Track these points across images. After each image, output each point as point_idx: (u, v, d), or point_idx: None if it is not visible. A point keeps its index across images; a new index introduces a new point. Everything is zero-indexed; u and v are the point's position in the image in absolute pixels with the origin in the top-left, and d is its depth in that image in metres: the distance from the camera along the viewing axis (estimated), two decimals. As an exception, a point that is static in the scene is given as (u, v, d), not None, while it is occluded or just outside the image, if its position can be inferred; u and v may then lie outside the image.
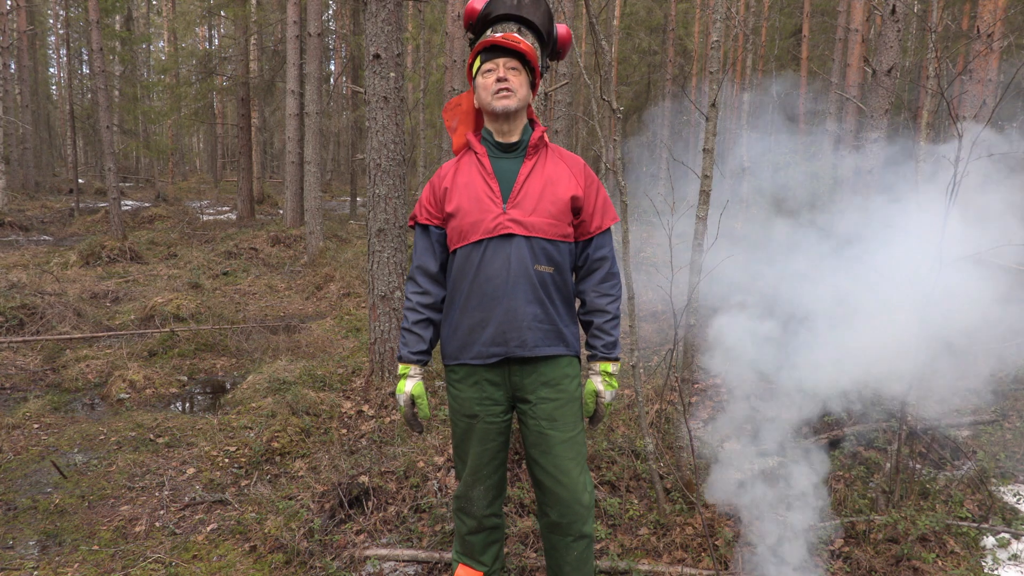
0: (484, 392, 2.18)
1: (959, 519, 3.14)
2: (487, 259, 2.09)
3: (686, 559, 2.87)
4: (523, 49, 2.10)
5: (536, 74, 2.22)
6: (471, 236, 2.11)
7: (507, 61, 2.10)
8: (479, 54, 2.15)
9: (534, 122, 2.24)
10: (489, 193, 2.11)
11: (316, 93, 11.02)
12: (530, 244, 2.09)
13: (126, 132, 22.94)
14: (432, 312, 2.25)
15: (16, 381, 5.34)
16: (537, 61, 2.17)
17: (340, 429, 4.37)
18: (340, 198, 24.27)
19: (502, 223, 2.08)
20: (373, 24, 4.64)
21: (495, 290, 2.08)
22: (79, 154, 30.07)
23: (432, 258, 2.23)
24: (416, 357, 2.24)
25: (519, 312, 2.08)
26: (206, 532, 3.22)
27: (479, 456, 2.23)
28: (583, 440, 2.23)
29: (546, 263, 2.11)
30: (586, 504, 2.18)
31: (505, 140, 2.17)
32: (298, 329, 7.13)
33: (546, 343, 2.13)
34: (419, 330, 2.24)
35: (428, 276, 2.24)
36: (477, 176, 2.14)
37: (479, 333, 2.12)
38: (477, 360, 2.15)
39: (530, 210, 2.09)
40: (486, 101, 2.13)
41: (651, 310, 7.83)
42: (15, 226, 13.34)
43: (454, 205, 2.13)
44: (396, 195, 4.79)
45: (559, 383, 2.17)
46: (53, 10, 29.85)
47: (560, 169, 2.17)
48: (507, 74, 2.09)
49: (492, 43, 2.10)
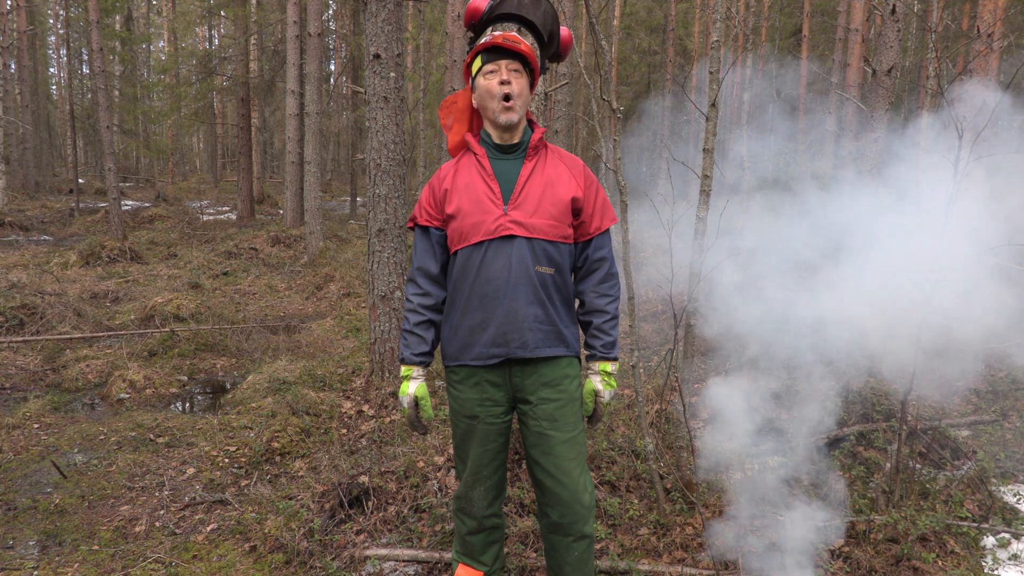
0: (485, 393, 2.18)
1: (959, 519, 3.14)
2: (488, 260, 2.09)
3: (686, 559, 2.87)
4: (524, 51, 2.10)
5: (536, 75, 2.22)
6: (472, 237, 2.10)
7: (509, 63, 2.10)
8: (480, 54, 2.15)
9: (532, 122, 2.24)
10: (490, 194, 2.11)
11: (316, 93, 11.02)
12: (531, 245, 2.09)
13: (126, 132, 22.95)
14: (433, 313, 2.25)
15: (16, 381, 5.35)
16: (536, 62, 2.17)
17: (340, 429, 4.37)
18: (340, 198, 24.27)
19: (503, 224, 2.08)
20: (373, 24, 4.64)
21: (496, 291, 2.09)
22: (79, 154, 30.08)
23: (433, 259, 2.23)
24: (419, 359, 2.24)
25: (520, 313, 2.08)
26: (206, 532, 3.22)
27: (480, 457, 2.23)
28: (583, 440, 2.23)
29: (547, 264, 2.11)
30: (586, 504, 2.18)
31: (505, 143, 2.18)
32: (298, 329, 7.13)
33: (547, 344, 2.13)
34: (421, 331, 2.24)
35: (429, 277, 2.24)
36: (477, 177, 2.14)
37: (480, 334, 2.12)
38: (478, 361, 2.15)
39: (531, 211, 2.09)
40: (490, 108, 2.13)
41: (651, 310, 7.83)
42: (15, 226, 13.34)
43: (454, 207, 2.13)
44: (396, 195, 4.79)
45: (559, 383, 2.17)
46: (53, 10, 29.86)
47: (560, 170, 2.18)
48: (510, 76, 2.09)
49: (494, 44, 2.10)
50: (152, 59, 27.30)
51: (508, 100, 2.09)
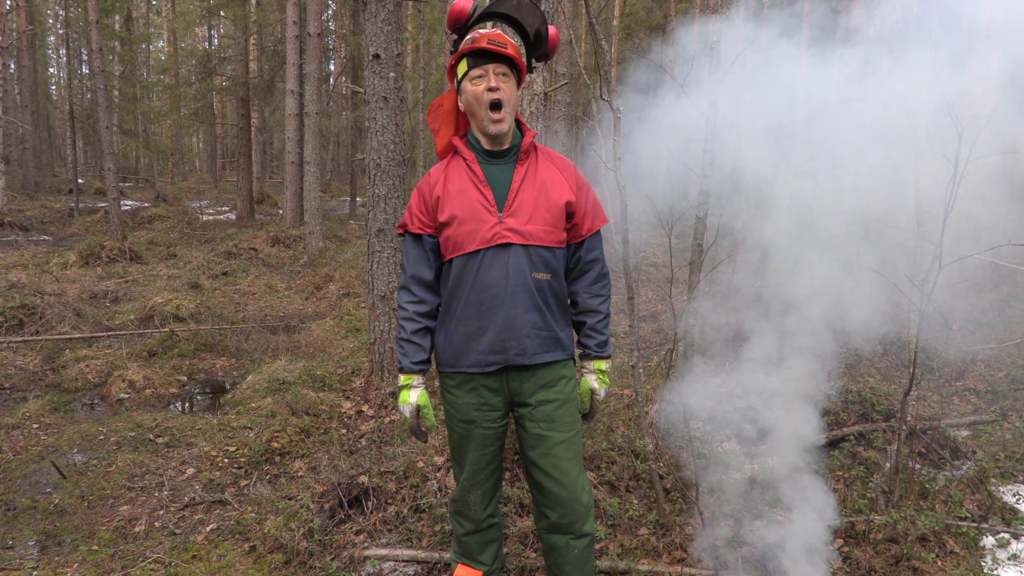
0: (482, 398, 2.17)
1: (959, 519, 3.14)
2: (485, 268, 2.07)
3: (686, 559, 2.87)
4: (511, 54, 2.06)
5: (523, 75, 2.19)
6: (467, 246, 2.08)
7: (496, 67, 2.06)
8: (465, 56, 2.11)
9: (521, 124, 2.22)
10: (483, 202, 2.09)
11: (316, 93, 11.02)
12: (528, 252, 2.08)
13: (126, 132, 22.95)
14: (429, 320, 2.23)
15: (16, 381, 5.34)
16: (523, 62, 2.15)
17: (340, 429, 4.37)
18: (340, 198, 24.25)
19: (499, 232, 2.06)
20: (373, 24, 4.64)
21: (493, 299, 2.07)
22: (79, 154, 30.06)
23: (427, 267, 2.20)
24: (418, 367, 2.22)
25: (518, 321, 2.08)
26: (206, 532, 3.22)
27: (477, 461, 2.23)
28: (580, 440, 2.24)
29: (544, 270, 2.11)
30: (585, 504, 2.18)
31: (496, 148, 2.15)
32: (298, 329, 7.13)
33: (544, 350, 2.14)
34: (418, 339, 2.21)
35: (424, 285, 2.21)
36: (469, 184, 2.11)
37: (476, 341, 2.11)
38: (475, 368, 2.14)
39: (526, 218, 2.08)
40: (479, 116, 2.09)
41: (651, 310, 7.84)
42: (15, 226, 13.33)
43: (448, 214, 2.10)
44: (396, 195, 4.79)
45: (556, 384, 2.17)
46: (53, 10, 29.85)
47: (552, 174, 2.16)
48: (497, 81, 2.05)
49: (480, 48, 2.06)
50: (152, 59, 27.26)
51: (497, 110, 2.06)
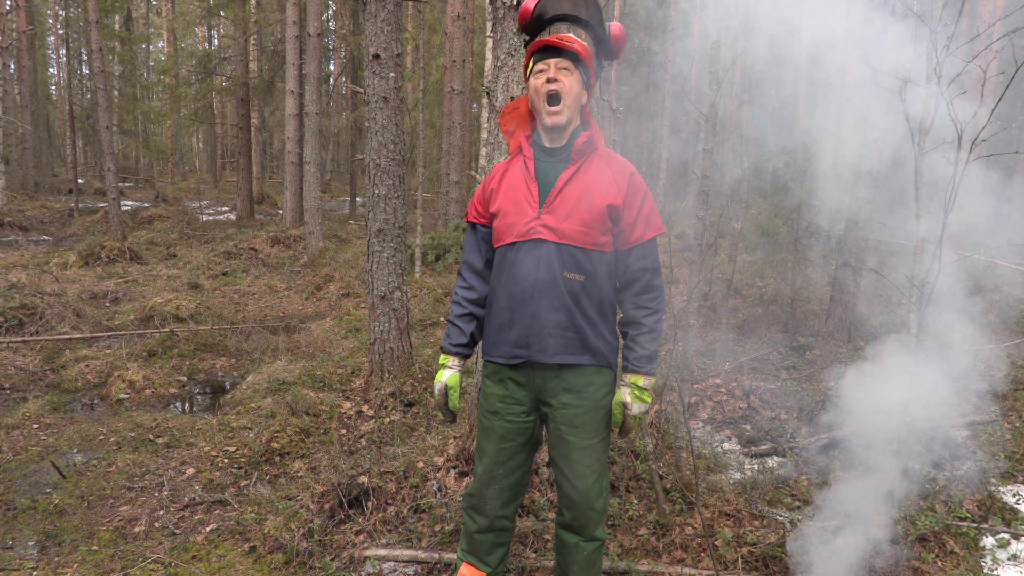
0: (508, 390, 2.21)
1: (959, 519, 3.14)
2: (519, 261, 2.11)
3: (686, 559, 2.87)
4: (576, 48, 2.10)
5: (591, 73, 2.20)
6: (506, 237, 2.15)
7: (559, 61, 2.10)
8: (533, 55, 2.16)
9: (589, 123, 2.22)
10: (528, 196, 2.13)
11: (316, 93, 11.02)
12: (559, 251, 2.08)
13: (126, 132, 22.94)
14: (475, 307, 2.30)
15: (16, 381, 5.34)
16: (591, 60, 2.17)
17: (340, 429, 4.37)
18: (340, 198, 24.26)
19: (534, 228, 2.09)
20: (373, 24, 4.64)
21: (523, 293, 2.10)
22: (79, 154, 30.07)
23: (478, 254, 2.29)
24: (455, 349, 2.29)
25: (543, 318, 2.09)
26: (205, 532, 3.22)
27: (496, 455, 2.24)
28: (604, 448, 2.20)
29: (576, 271, 2.09)
30: (598, 509, 2.18)
31: (553, 145, 2.18)
32: (298, 329, 7.13)
33: (568, 351, 2.11)
34: (461, 323, 2.30)
35: (474, 272, 2.30)
36: (520, 179, 2.17)
37: (506, 333, 2.16)
38: (501, 359, 2.19)
39: (563, 216, 2.08)
40: (539, 110, 2.14)
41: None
42: (14, 226, 13.33)
43: (496, 206, 2.18)
44: (396, 195, 4.79)
45: (582, 391, 2.15)
46: (52, 10, 29.83)
47: (603, 176, 2.13)
48: (558, 74, 2.09)
49: (545, 43, 2.11)
50: (152, 59, 27.26)
51: (554, 103, 2.09)
